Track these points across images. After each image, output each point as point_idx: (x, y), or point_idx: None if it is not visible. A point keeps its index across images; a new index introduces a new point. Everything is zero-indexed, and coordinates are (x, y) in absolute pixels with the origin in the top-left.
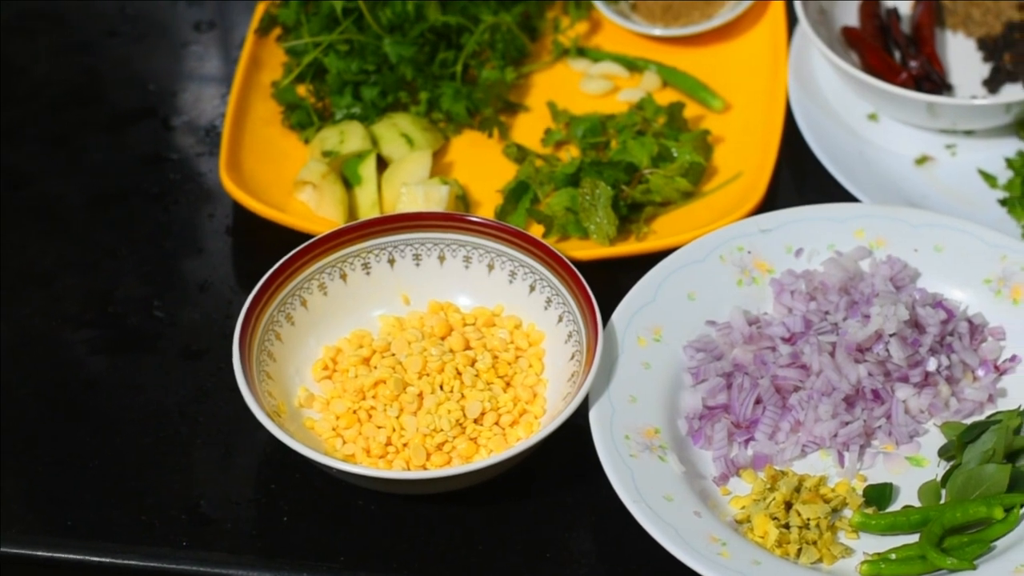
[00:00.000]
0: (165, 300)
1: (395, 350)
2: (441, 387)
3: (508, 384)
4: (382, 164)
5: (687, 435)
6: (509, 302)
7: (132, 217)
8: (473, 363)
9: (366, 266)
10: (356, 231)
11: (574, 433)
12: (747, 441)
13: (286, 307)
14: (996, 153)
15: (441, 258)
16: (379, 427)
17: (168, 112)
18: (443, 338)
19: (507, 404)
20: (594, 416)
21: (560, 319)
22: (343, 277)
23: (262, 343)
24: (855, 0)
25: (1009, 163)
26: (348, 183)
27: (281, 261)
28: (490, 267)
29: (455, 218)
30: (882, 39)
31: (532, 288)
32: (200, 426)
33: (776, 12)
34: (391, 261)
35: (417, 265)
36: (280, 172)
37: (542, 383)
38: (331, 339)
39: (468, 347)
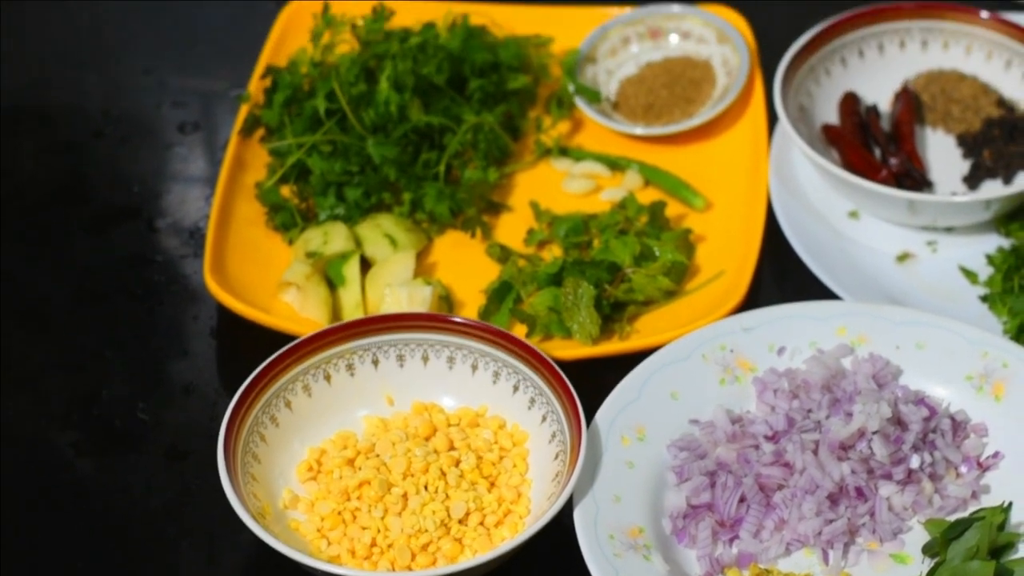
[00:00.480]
0: (150, 402)
1: (379, 451)
2: (426, 487)
3: (492, 484)
4: (366, 265)
5: (671, 534)
6: (493, 402)
7: (117, 318)
8: (457, 463)
9: (350, 367)
10: (340, 332)
11: (559, 533)
12: (732, 540)
13: (271, 408)
14: (977, 250)
15: (425, 359)
16: (364, 528)
17: (153, 213)
18: (427, 438)
19: (492, 504)
20: (578, 516)
21: (544, 419)
22: (327, 378)
23: (247, 445)
24: (835, 98)
25: (990, 259)
26: (332, 284)
27: (265, 363)
28: (474, 367)
29: (438, 319)
30: (862, 136)
31: (516, 388)
32: (186, 527)
33: (757, 110)
34: (375, 362)
35: (401, 366)
36: (264, 273)
37: (526, 483)
38: (316, 440)
39: (452, 447)
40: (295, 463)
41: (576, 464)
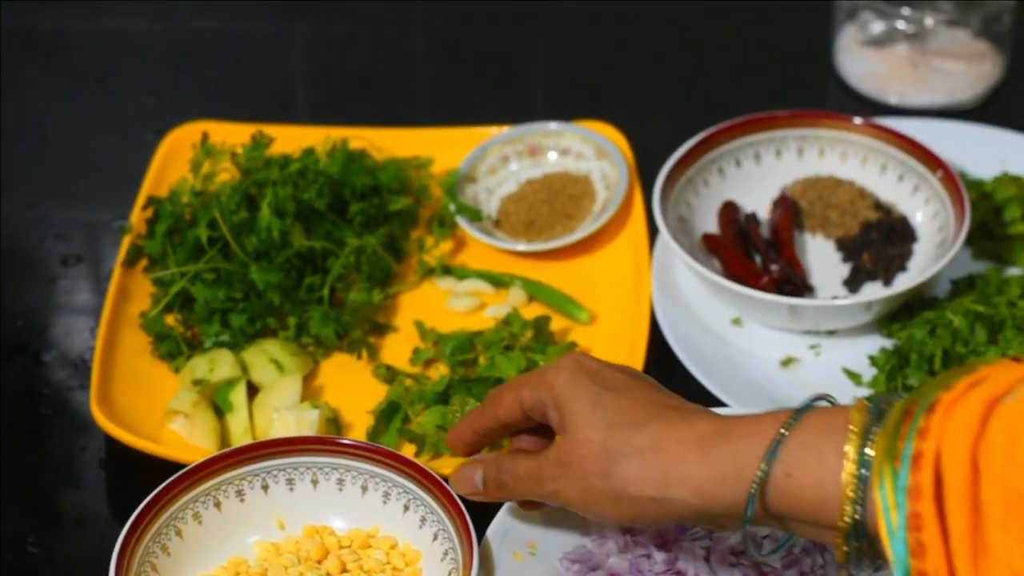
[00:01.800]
0: (40, 535)
1: (272, 575)
2: None
3: None
4: (253, 390)
5: None
6: (384, 523)
7: (4, 452)
8: None
9: (240, 493)
10: (229, 459)
11: None
12: None
13: (160, 538)
14: (860, 351)
15: (314, 482)
16: None
17: (39, 347)
18: (319, 561)
19: None
20: None
21: (435, 537)
22: (217, 505)
23: (142, 565)
24: (714, 207)
25: (873, 360)
26: (220, 411)
27: (154, 493)
28: (364, 488)
29: (327, 441)
30: (742, 244)
31: (406, 507)
32: None
33: (637, 223)
34: (264, 487)
35: (291, 490)
36: (151, 402)
37: None
38: (207, 567)
39: (345, 570)
40: None
41: None
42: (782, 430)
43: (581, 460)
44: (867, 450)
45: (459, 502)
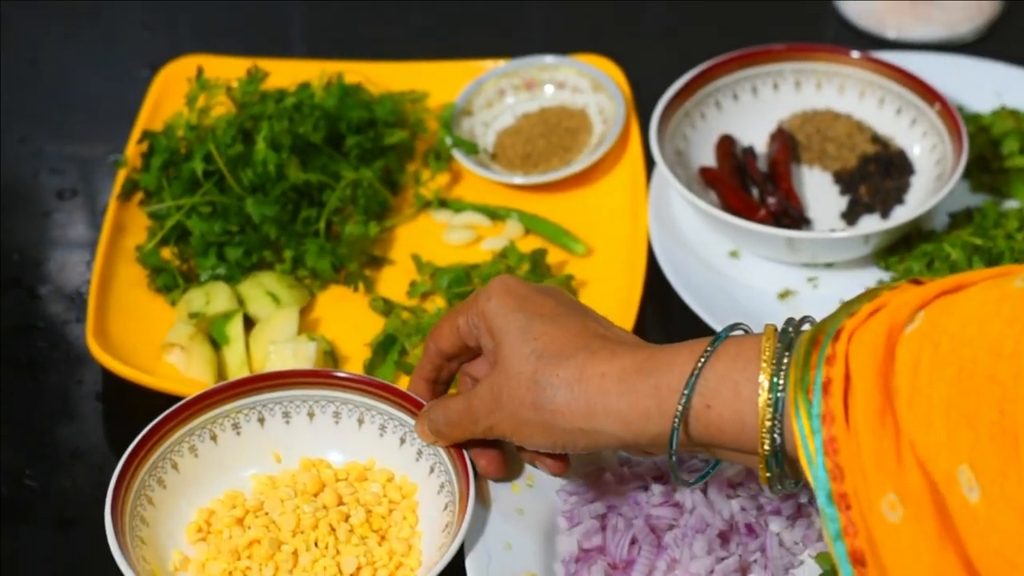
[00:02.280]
0: (36, 469)
1: (268, 509)
2: (316, 544)
3: (383, 538)
4: (249, 323)
5: None
6: (380, 455)
7: (1, 386)
8: (347, 518)
9: (236, 426)
10: (225, 392)
11: None
12: None
13: (157, 471)
14: (857, 284)
15: (311, 415)
16: None
17: (34, 281)
18: (316, 494)
19: (383, 558)
20: (471, 565)
21: (432, 470)
22: (213, 438)
23: (135, 508)
24: (711, 141)
25: None
26: (216, 344)
27: (150, 426)
28: (360, 421)
29: (322, 374)
30: (739, 178)
31: (403, 440)
32: None
33: (634, 156)
34: (261, 420)
35: (287, 423)
36: (148, 335)
37: (417, 535)
38: (204, 501)
39: (341, 502)
40: (184, 525)
41: (465, 513)
42: (699, 362)
43: (511, 393)
44: (779, 379)
45: None
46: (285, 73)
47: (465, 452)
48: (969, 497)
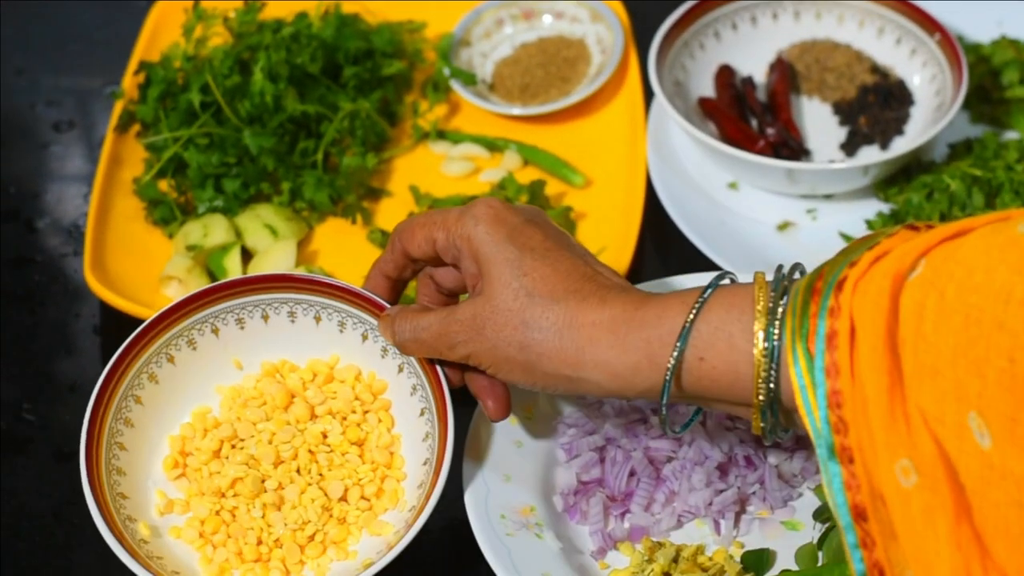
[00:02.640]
0: (35, 403)
1: (243, 435)
2: (298, 471)
3: (362, 449)
4: (247, 256)
5: (563, 511)
6: (344, 352)
7: None
8: (324, 436)
9: (191, 343)
10: (174, 313)
11: (448, 514)
12: (623, 514)
13: (122, 412)
14: (856, 215)
15: (265, 318)
16: (247, 528)
17: (31, 214)
18: (286, 409)
19: (367, 474)
20: (469, 497)
21: (400, 369)
22: (171, 360)
23: (109, 463)
24: (710, 71)
25: (870, 225)
26: (214, 276)
27: (105, 372)
28: (317, 319)
29: (271, 278)
30: (738, 108)
31: (364, 337)
32: (76, 529)
33: (633, 86)
34: (215, 331)
35: (241, 329)
36: (146, 268)
37: (396, 440)
38: (174, 427)
39: (313, 415)
40: (159, 459)
41: (447, 424)
42: (690, 314)
43: (496, 328)
44: (774, 330)
45: None
46: (282, 3)
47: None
48: (981, 443)
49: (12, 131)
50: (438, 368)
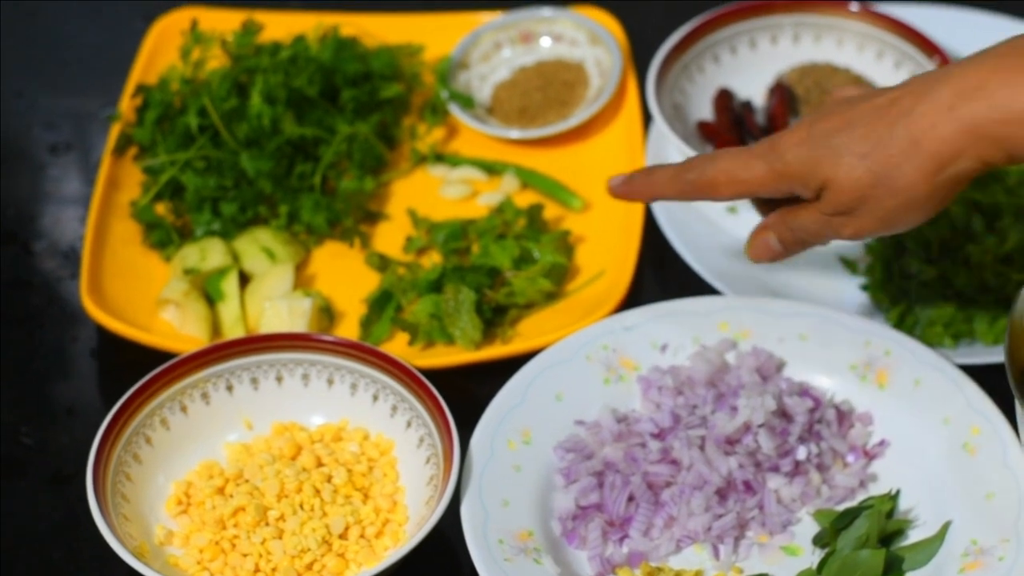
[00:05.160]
0: (32, 426)
1: (249, 476)
2: (301, 506)
3: (367, 496)
4: (245, 279)
5: (561, 536)
6: (354, 415)
7: None
8: (329, 479)
9: (204, 396)
10: (190, 363)
11: (448, 539)
12: (622, 539)
13: (132, 447)
14: (855, 240)
15: (279, 379)
16: (245, 555)
17: (28, 236)
18: (294, 458)
19: (369, 516)
20: (467, 522)
21: (409, 424)
22: (183, 409)
23: (115, 486)
24: (708, 94)
25: (868, 249)
26: (211, 300)
27: (120, 403)
28: (329, 382)
29: (288, 337)
30: (737, 132)
31: (375, 398)
32: (74, 551)
33: (631, 110)
34: (229, 388)
35: (255, 388)
36: (143, 291)
37: (400, 491)
38: (180, 473)
39: (321, 464)
40: (163, 499)
41: (452, 463)
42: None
43: (861, 200)
44: None
45: (428, 385)
46: (280, 26)
47: (443, 404)
48: None
49: (9, 153)
50: (447, 414)
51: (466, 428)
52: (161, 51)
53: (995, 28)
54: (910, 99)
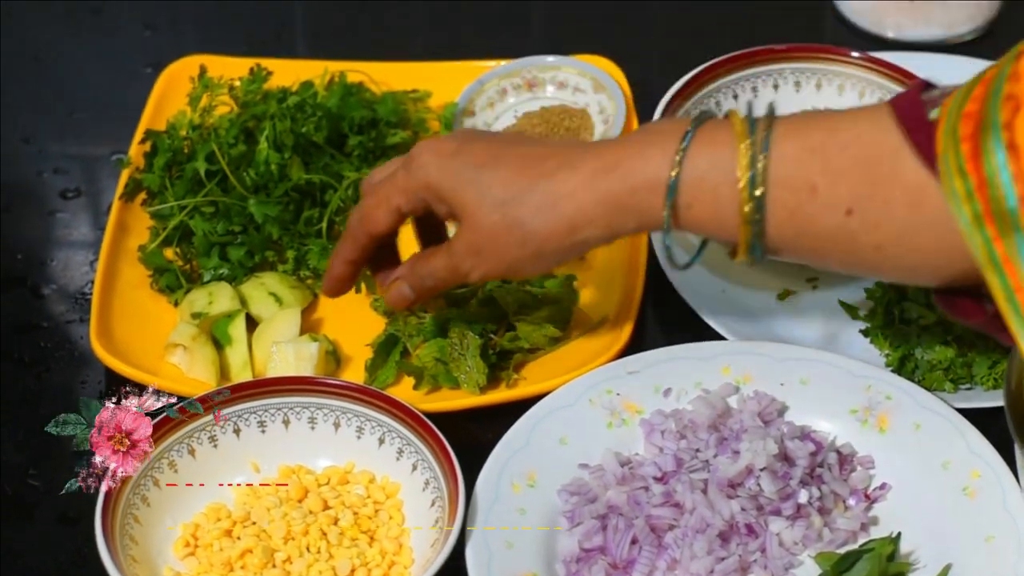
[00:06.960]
0: (40, 468)
1: (256, 518)
2: (308, 548)
3: (373, 538)
4: (252, 323)
5: None
6: (360, 458)
7: (4, 385)
8: (336, 522)
9: (213, 439)
10: (201, 403)
11: None
12: None
13: (140, 489)
14: (856, 285)
15: (286, 422)
16: None
17: (38, 280)
18: (300, 500)
19: (375, 558)
20: (472, 564)
21: (415, 467)
22: (191, 452)
23: (123, 528)
24: None
25: (869, 294)
26: (219, 344)
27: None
28: (336, 425)
29: (295, 380)
30: None
31: (381, 441)
32: None
33: None
34: (236, 431)
35: (263, 432)
36: (151, 335)
37: (406, 533)
38: (187, 516)
39: (327, 507)
40: (170, 542)
41: (457, 506)
42: (675, 167)
43: (492, 242)
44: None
45: (434, 429)
46: (287, 72)
47: (449, 448)
48: None
49: (20, 198)
50: (452, 456)
51: (471, 471)
52: (170, 97)
53: None
54: (556, 162)
